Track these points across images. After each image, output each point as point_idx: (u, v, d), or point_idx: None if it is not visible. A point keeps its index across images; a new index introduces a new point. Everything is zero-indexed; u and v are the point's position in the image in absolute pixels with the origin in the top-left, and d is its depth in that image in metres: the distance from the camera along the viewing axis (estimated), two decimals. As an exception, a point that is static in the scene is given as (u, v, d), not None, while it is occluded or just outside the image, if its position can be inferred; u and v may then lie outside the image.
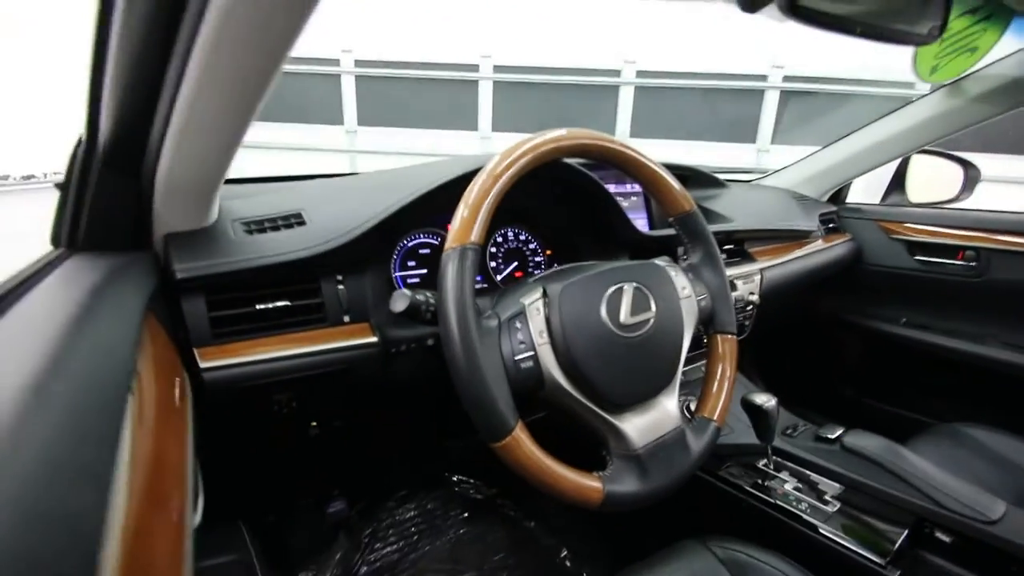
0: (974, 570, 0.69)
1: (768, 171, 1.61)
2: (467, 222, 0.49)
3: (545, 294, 0.54)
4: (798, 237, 1.27)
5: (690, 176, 1.22)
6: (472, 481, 1.31)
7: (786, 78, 4.06)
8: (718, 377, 0.66)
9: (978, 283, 1.27)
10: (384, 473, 1.08)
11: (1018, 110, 1.14)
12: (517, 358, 0.50)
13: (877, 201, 1.53)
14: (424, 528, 1.20)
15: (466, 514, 1.24)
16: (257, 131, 0.45)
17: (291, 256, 0.61)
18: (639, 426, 0.56)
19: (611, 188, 0.88)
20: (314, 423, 0.70)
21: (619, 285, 0.57)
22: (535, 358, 0.51)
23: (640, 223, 1.13)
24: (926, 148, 1.45)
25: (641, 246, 0.90)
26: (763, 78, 4.16)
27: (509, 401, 0.48)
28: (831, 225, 1.44)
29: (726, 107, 4.24)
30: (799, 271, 1.22)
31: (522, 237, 0.93)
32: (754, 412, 0.81)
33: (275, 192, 0.72)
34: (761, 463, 0.85)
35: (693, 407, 0.93)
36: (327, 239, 0.62)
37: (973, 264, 1.28)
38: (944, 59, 1.13)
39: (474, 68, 4.20)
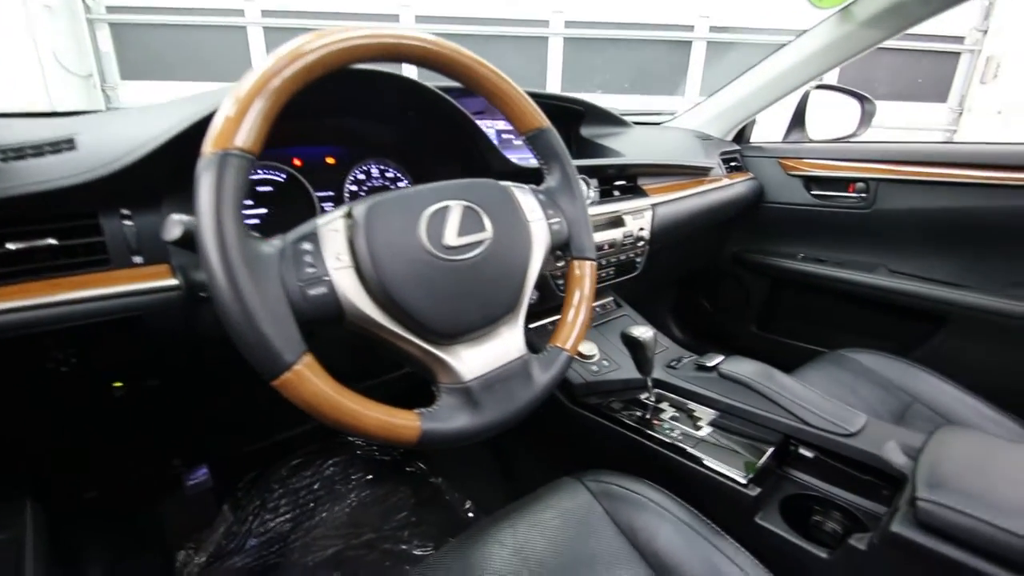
0: (832, 481, 0.70)
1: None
2: (232, 122, 0.41)
3: (349, 215, 0.47)
4: (696, 174, 1.24)
5: (585, 111, 1.16)
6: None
7: (712, 28, 4.06)
8: (574, 304, 0.62)
9: (867, 214, 1.30)
10: (247, 438, 1.00)
11: (903, 33, 1.14)
12: (303, 285, 0.43)
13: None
14: (322, 495, 1.14)
15: (369, 476, 1.19)
16: None
17: (54, 184, 0.50)
18: (471, 357, 0.51)
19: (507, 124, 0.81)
20: (118, 383, 0.61)
21: (443, 204, 0.51)
22: (329, 284, 0.44)
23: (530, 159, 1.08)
24: (824, 84, 1.45)
25: (518, 178, 0.83)
26: (690, 28, 4.14)
27: (291, 333, 0.41)
28: (734, 164, 1.43)
29: (658, 59, 4.19)
30: (696, 208, 1.20)
31: (389, 173, 0.85)
32: (632, 345, 0.78)
33: (47, 122, 0.60)
34: (644, 396, 0.84)
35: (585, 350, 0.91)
36: (102, 164, 0.52)
37: (863, 195, 1.31)
38: (832, -18, 1.11)
39: (394, 18, 3.94)
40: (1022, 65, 4.35)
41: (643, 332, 0.77)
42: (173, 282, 0.55)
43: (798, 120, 1.48)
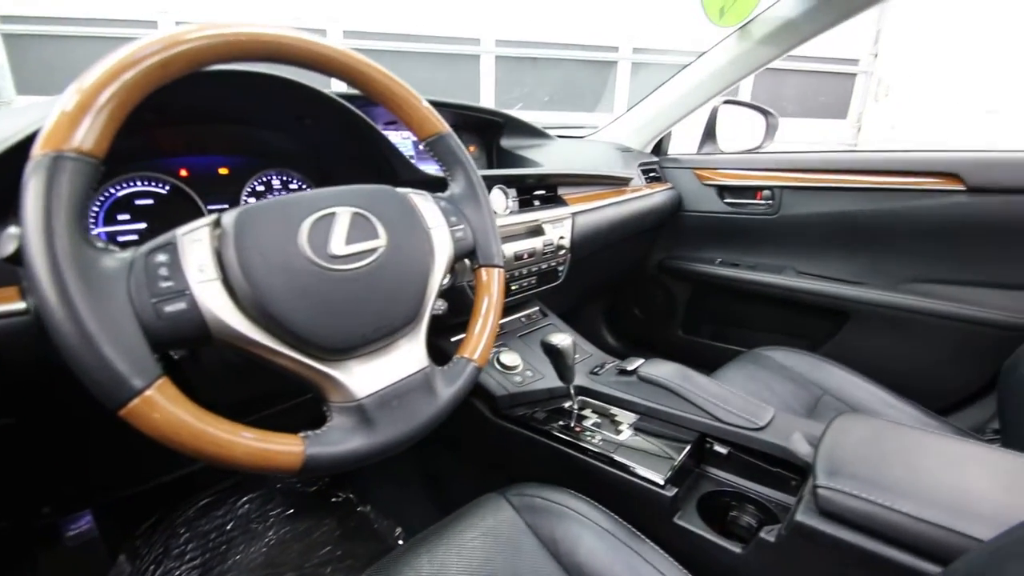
0: (746, 475, 0.71)
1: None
2: (68, 118, 0.36)
3: (217, 224, 0.43)
4: (616, 184, 1.27)
5: (505, 123, 1.16)
6: (297, 473, 1.17)
7: (635, 50, 4.27)
8: (482, 313, 0.60)
9: (774, 219, 1.38)
10: (136, 477, 0.90)
11: (796, 48, 1.23)
12: (157, 301, 0.38)
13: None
14: (236, 535, 1.04)
15: (290, 511, 1.11)
16: None
17: None
18: (365, 373, 0.48)
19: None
20: None
21: (328, 211, 0.48)
22: (190, 299, 0.40)
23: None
24: (731, 99, 1.54)
25: (428, 188, 0.81)
26: (615, 49, 4.34)
27: (139, 356, 0.36)
28: (653, 174, 1.48)
29: (584, 77, 4.36)
30: (616, 217, 1.23)
31: (293, 184, 0.81)
32: (551, 353, 0.78)
33: None
34: (567, 404, 0.83)
35: (504, 359, 0.89)
36: None
37: (770, 202, 1.39)
38: (730, 1, 1.18)
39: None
40: (908, 84, 4.86)
41: (562, 340, 0.76)
42: (20, 306, 0.48)
43: (709, 133, 1.56)
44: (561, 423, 0.80)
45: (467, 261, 0.63)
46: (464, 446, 0.98)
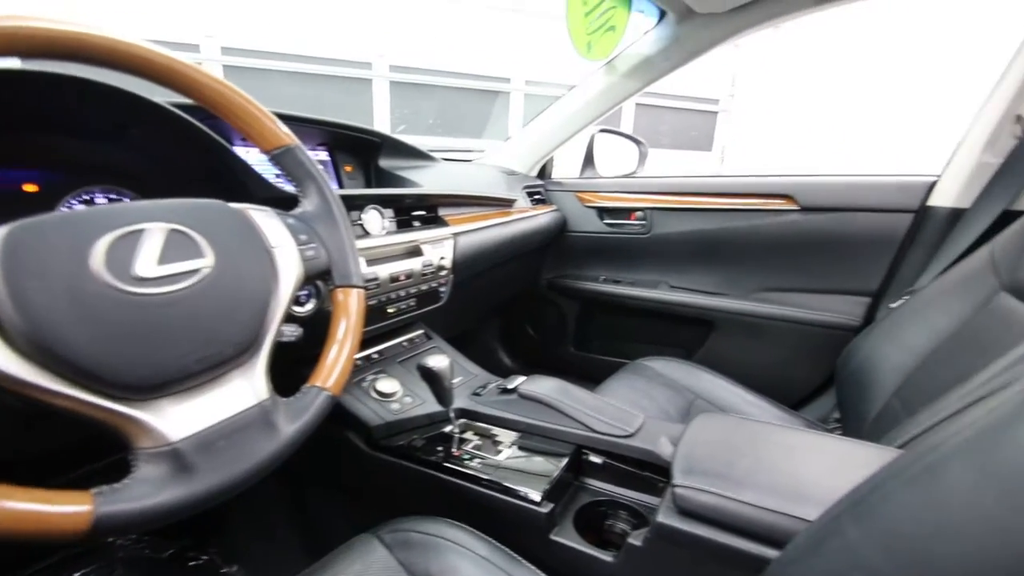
0: (620, 483, 0.73)
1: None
2: None
3: None
4: (500, 205, 1.29)
5: (383, 143, 1.14)
6: (146, 537, 1.01)
7: (528, 82, 4.50)
8: (338, 338, 0.56)
9: (648, 238, 1.48)
10: None
11: (655, 82, 1.35)
12: None
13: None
14: (62, 623, 0.87)
15: (137, 584, 0.95)
16: None
17: None
18: (181, 412, 0.42)
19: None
20: None
21: (135, 227, 0.42)
22: None
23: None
24: (606, 128, 1.65)
25: (287, 205, 0.76)
26: (507, 80, 4.52)
27: None
28: (538, 197, 1.53)
29: (476, 105, 4.49)
30: (501, 237, 1.24)
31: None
32: (427, 376, 0.75)
33: None
34: (448, 429, 0.80)
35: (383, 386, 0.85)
36: None
37: (643, 222, 1.49)
38: (594, 36, 1.27)
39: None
40: (761, 121, 5.61)
41: (438, 361, 0.74)
42: None
43: (589, 159, 1.66)
44: (440, 449, 0.77)
45: (321, 283, 0.59)
46: (339, 484, 0.91)
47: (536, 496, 0.66)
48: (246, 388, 0.46)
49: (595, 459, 0.74)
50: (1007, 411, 0.32)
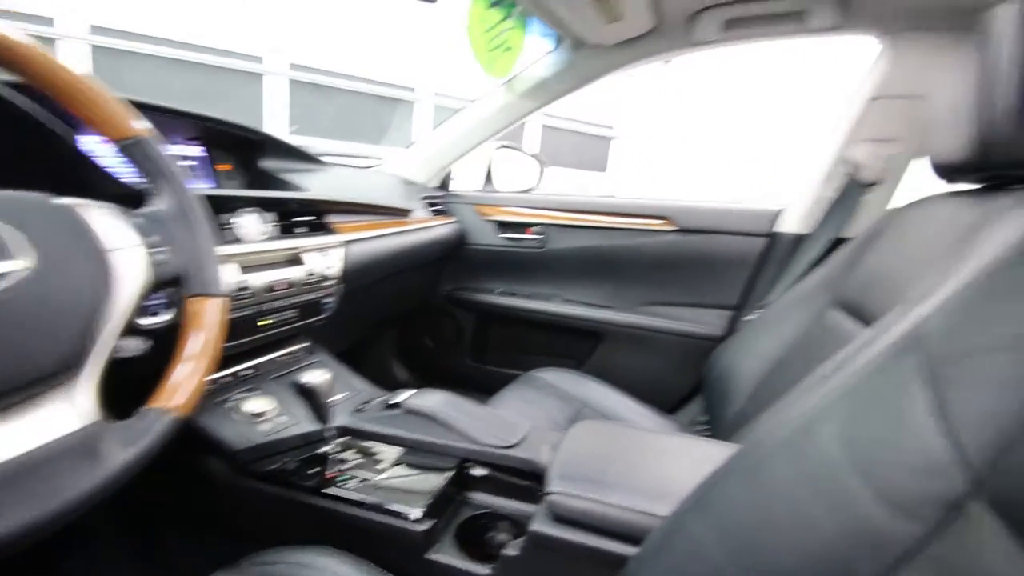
0: (503, 494, 0.73)
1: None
2: None
3: None
4: (396, 215, 1.27)
5: (265, 142, 1.06)
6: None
7: (437, 93, 4.49)
8: (190, 353, 0.51)
9: (543, 252, 1.54)
10: None
11: (551, 103, 1.41)
12: None
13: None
14: None
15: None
16: None
17: None
18: None
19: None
20: None
21: None
22: None
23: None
24: (506, 144, 1.69)
25: (139, 202, 0.68)
26: (410, 89, 4.48)
27: None
28: (438, 208, 1.52)
29: (382, 113, 4.39)
30: (397, 247, 1.21)
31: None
32: (303, 393, 0.70)
33: None
34: (324, 449, 0.75)
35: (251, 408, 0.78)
36: None
37: (539, 237, 1.54)
38: (493, 55, 1.30)
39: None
40: (649, 146, 6.11)
41: (314, 376, 0.69)
42: None
43: (489, 173, 1.68)
44: (315, 471, 0.72)
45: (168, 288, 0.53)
46: (199, 518, 0.82)
47: (416, 514, 0.64)
48: (67, 411, 0.40)
49: (478, 472, 0.73)
50: (814, 412, 0.37)
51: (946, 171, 0.76)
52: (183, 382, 0.49)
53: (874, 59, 1.14)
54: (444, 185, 1.63)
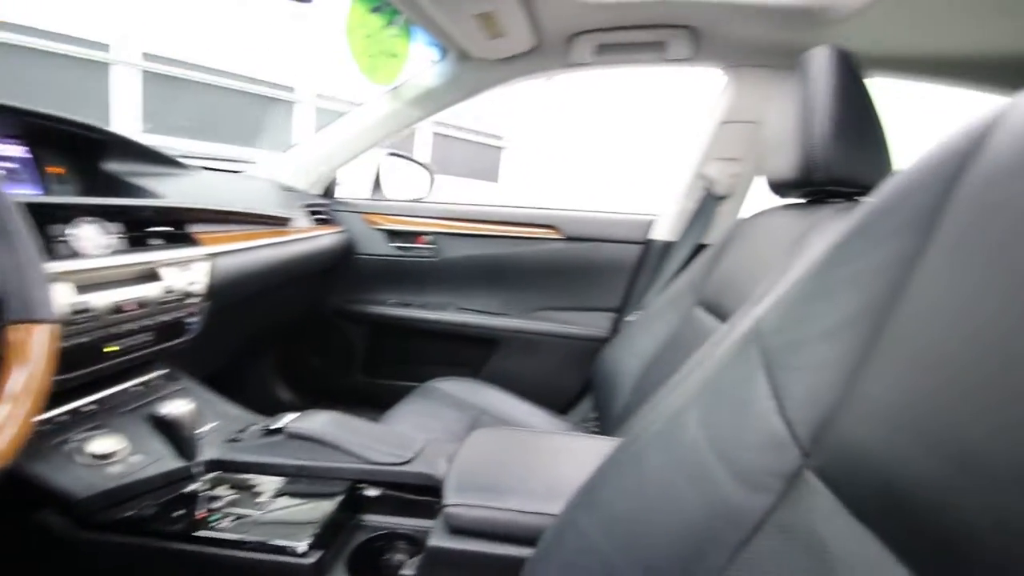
0: (400, 513, 0.71)
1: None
2: None
3: None
4: (273, 224, 1.17)
5: (108, 142, 0.93)
6: None
7: (319, 95, 4.26)
8: (7, 390, 0.43)
9: (436, 262, 1.52)
10: None
11: (439, 112, 1.40)
12: None
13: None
14: None
15: None
16: None
17: None
18: None
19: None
20: None
21: None
22: None
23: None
24: (394, 152, 1.66)
25: None
26: (290, 89, 4.21)
27: None
28: (322, 216, 1.44)
29: (255, 113, 4.05)
30: (275, 259, 1.13)
31: None
32: (163, 427, 0.62)
33: None
34: (192, 487, 0.67)
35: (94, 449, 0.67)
36: None
37: (432, 246, 1.52)
38: (376, 61, 1.27)
39: None
40: (538, 157, 6.38)
41: (174, 407, 0.62)
42: None
43: (377, 181, 1.63)
44: (182, 513, 0.64)
45: None
46: None
47: (302, 546, 0.60)
48: None
49: (372, 492, 0.70)
50: (682, 402, 0.41)
51: (778, 187, 0.90)
52: (1, 426, 0.41)
53: (721, 88, 1.30)
54: (329, 192, 1.55)
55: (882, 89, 0.82)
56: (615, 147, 6.71)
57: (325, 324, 1.57)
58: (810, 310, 0.33)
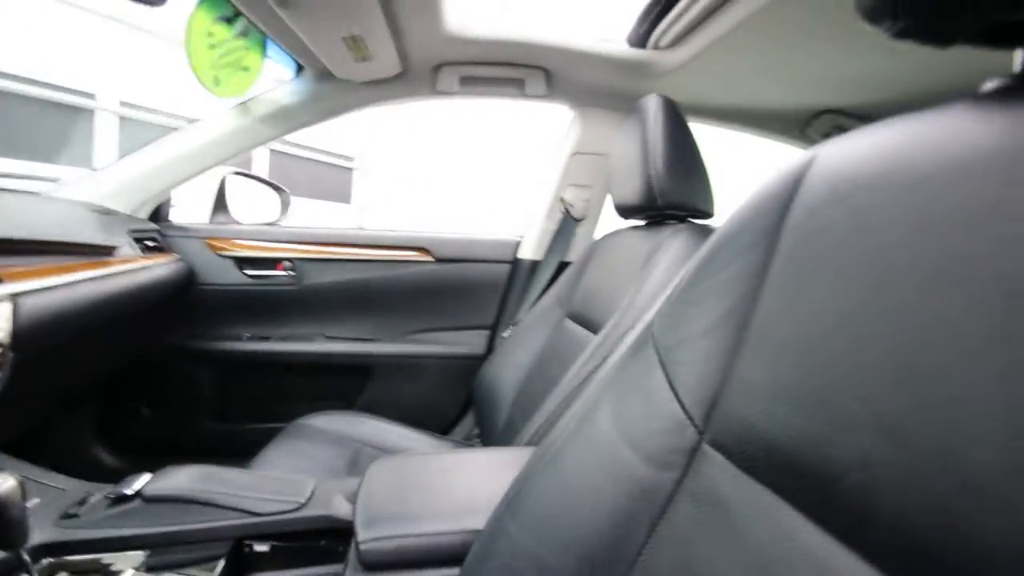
0: (295, 564, 0.65)
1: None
2: None
3: None
4: (92, 254, 0.99)
5: None
6: None
7: (123, 103, 3.62)
8: None
9: (298, 289, 1.42)
10: None
11: (295, 131, 1.32)
12: None
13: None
14: None
15: None
16: None
17: None
18: None
19: None
20: None
21: None
22: None
23: None
24: (240, 171, 1.51)
25: None
26: (90, 96, 3.54)
27: None
28: (152, 244, 1.24)
29: (54, 123, 3.31)
30: (97, 295, 0.94)
31: None
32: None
33: None
34: (14, 585, 0.53)
35: None
36: None
37: (292, 273, 1.42)
38: (223, 72, 1.15)
39: None
40: (395, 179, 6.28)
41: None
42: None
43: (220, 203, 1.47)
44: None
45: None
46: None
47: None
48: None
49: (261, 547, 0.63)
50: (592, 403, 0.46)
51: (623, 211, 1.04)
52: None
53: (569, 123, 1.46)
54: (160, 216, 1.35)
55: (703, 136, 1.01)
56: (469, 170, 6.94)
57: (161, 367, 1.35)
58: (690, 313, 0.41)
